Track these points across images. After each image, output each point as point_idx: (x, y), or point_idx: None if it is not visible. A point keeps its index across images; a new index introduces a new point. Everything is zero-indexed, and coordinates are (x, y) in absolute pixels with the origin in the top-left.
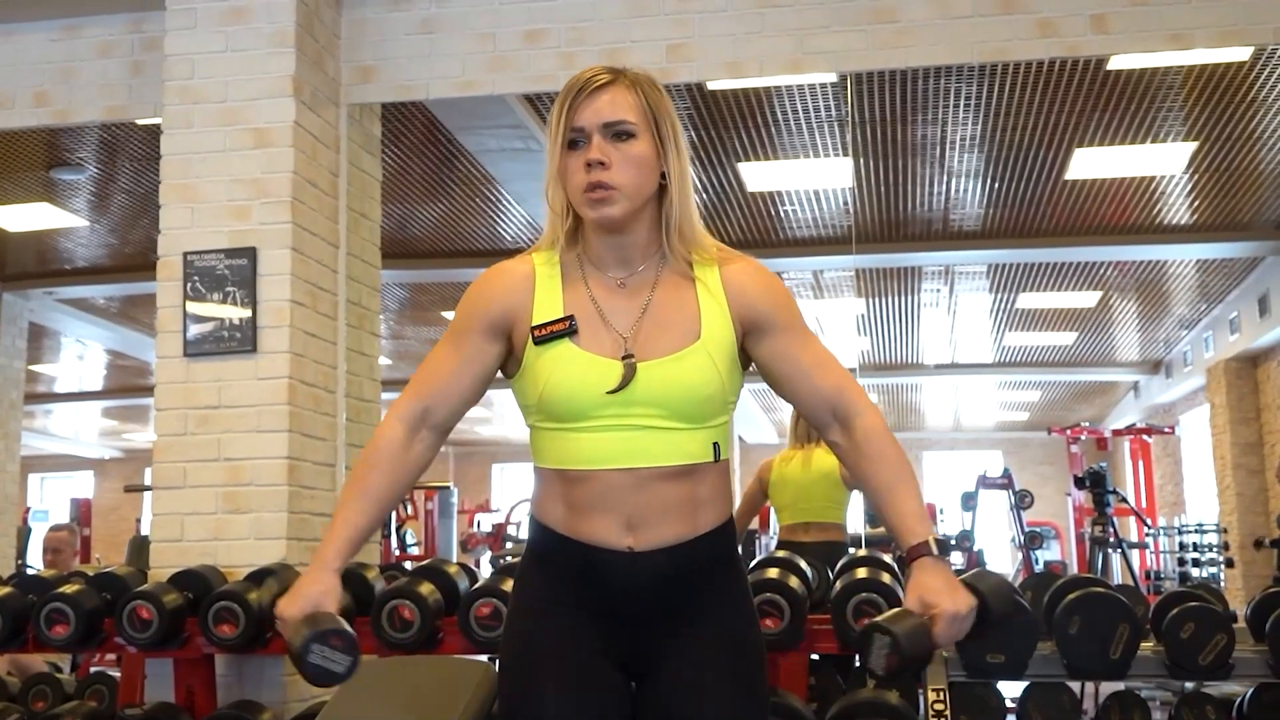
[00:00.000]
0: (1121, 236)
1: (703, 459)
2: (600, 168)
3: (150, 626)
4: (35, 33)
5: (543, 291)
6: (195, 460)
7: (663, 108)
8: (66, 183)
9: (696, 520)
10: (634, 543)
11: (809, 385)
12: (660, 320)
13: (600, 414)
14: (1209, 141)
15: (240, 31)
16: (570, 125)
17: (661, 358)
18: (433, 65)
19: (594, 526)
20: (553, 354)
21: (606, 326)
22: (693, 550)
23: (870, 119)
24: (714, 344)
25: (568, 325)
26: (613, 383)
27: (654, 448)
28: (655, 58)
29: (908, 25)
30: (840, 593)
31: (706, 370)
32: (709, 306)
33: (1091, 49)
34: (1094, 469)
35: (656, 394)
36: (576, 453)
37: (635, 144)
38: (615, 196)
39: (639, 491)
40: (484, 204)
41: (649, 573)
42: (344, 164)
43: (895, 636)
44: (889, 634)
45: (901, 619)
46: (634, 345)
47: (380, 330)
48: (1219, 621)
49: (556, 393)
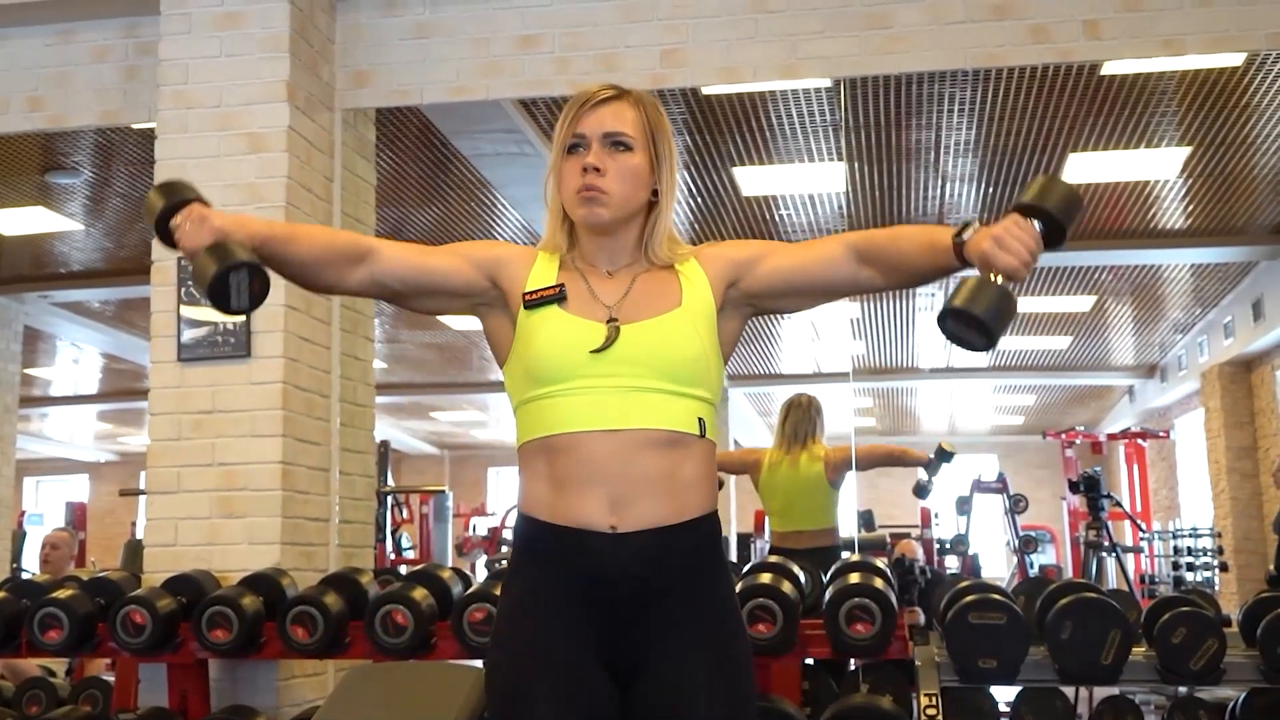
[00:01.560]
0: (1116, 241)
1: (687, 429)
2: (595, 173)
3: (144, 631)
4: (30, 37)
5: (540, 268)
6: (189, 465)
7: (662, 128)
8: (62, 186)
9: (681, 501)
10: (618, 522)
11: (815, 261)
12: (644, 294)
13: (585, 374)
14: (1203, 146)
15: (234, 36)
16: (573, 131)
17: (644, 320)
18: (427, 70)
19: (578, 505)
20: (541, 315)
21: (594, 299)
22: (677, 537)
23: (865, 123)
24: (695, 311)
25: (558, 291)
26: (597, 343)
27: (638, 409)
28: (649, 63)
29: (901, 31)
30: (833, 597)
31: (688, 332)
32: (690, 284)
33: (1084, 55)
34: (1088, 473)
35: (639, 353)
36: (562, 416)
37: (631, 157)
38: (605, 200)
39: (622, 462)
40: (479, 208)
41: (634, 556)
42: (338, 169)
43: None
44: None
45: (972, 291)
46: (618, 313)
47: (375, 334)
48: (1210, 626)
49: (544, 352)
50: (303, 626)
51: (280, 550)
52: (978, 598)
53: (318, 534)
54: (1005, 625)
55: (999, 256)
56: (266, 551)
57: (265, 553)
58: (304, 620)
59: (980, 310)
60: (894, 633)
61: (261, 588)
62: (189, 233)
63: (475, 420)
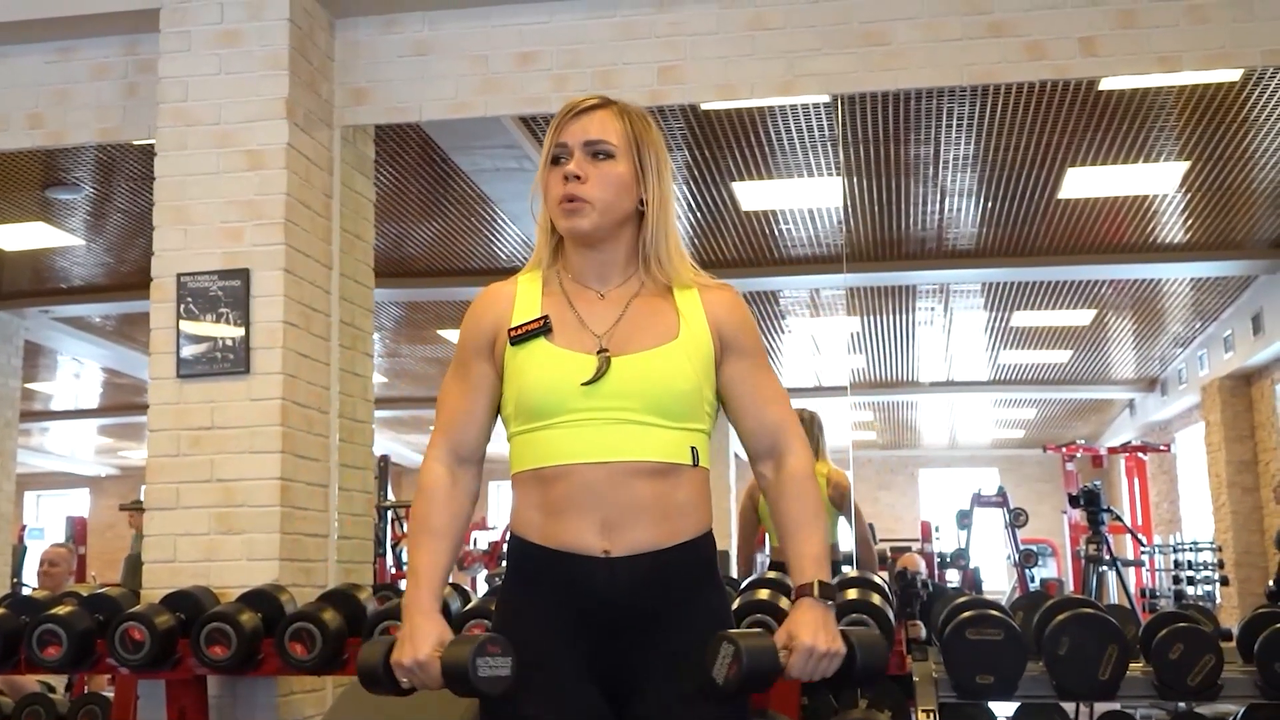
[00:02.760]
0: (1115, 255)
1: (679, 460)
2: (576, 181)
3: (142, 648)
4: (30, 55)
5: (522, 301)
6: (188, 481)
7: (647, 138)
8: (63, 202)
9: (674, 526)
10: (610, 547)
11: (758, 415)
12: (637, 323)
13: (576, 408)
14: (1202, 161)
15: (234, 54)
16: (556, 142)
17: (637, 353)
18: (426, 87)
19: (570, 530)
20: (528, 351)
21: (583, 327)
22: (670, 559)
23: (863, 139)
24: (691, 346)
25: (542, 324)
26: (587, 375)
27: (629, 442)
28: (647, 80)
29: (898, 48)
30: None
31: (682, 366)
32: (688, 317)
33: (1080, 71)
34: (1089, 487)
35: (631, 387)
36: (553, 448)
37: (614, 165)
38: (586, 209)
39: (614, 489)
40: (479, 223)
41: (627, 580)
42: (337, 185)
43: (739, 648)
44: (734, 645)
45: (754, 637)
46: (609, 343)
47: (374, 350)
48: (1207, 642)
49: (533, 387)
50: (301, 643)
51: (279, 566)
52: (975, 614)
53: (316, 550)
54: (1003, 641)
55: (798, 666)
56: (265, 567)
57: (264, 569)
58: (302, 636)
59: (750, 665)
60: (892, 648)
61: (260, 604)
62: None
63: None
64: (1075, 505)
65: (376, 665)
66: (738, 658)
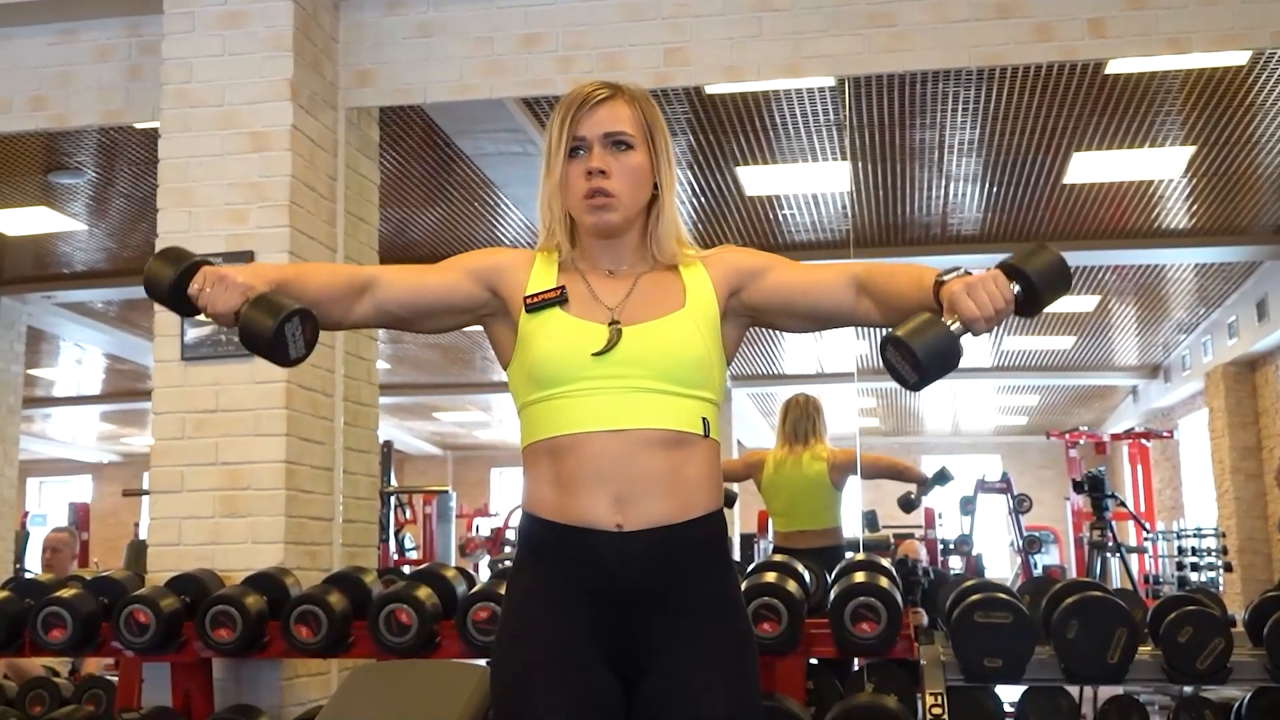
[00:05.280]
0: (1120, 240)
1: (691, 429)
2: (601, 176)
3: (147, 630)
4: (32, 37)
5: (539, 271)
6: (193, 464)
7: (657, 123)
8: (65, 187)
9: (686, 500)
10: (623, 520)
11: (820, 288)
12: (647, 296)
13: (588, 376)
14: (1207, 145)
15: (237, 35)
16: (573, 135)
17: (647, 322)
18: (430, 69)
19: (583, 504)
20: (543, 319)
21: (596, 300)
22: (683, 534)
23: (868, 123)
24: (698, 313)
25: (559, 294)
26: (599, 346)
27: (641, 410)
28: (652, 62)
29: (905, 29)
30: (838, 597)
31: (691, 333)
32: (694, 287)
33: (1088, 53)
34: (1092, 473)
35: (642, 354)
36: (565, 417)
37: (633, 155)
38: (614, 204)
39: (628, 461)
40: (482, 208)
41: (639, 555)
42: (341, 168)
43: (900, 342)
44: (891, 344)
45: (903, 325)
46: (620, 315)
47: (378, 334)
48: (1217, 625)
49: (546, 355)
50: (306, 626)
51: (284, 549)
52: (983, 597)
53: (321, 533)
54: (1011, 624)
55: (963, 302)
56: (270, 551)
57: (269, 552)
58: (308, 619)
59: (918, 344)
60: (899, 632)
61: (265, 587)
62: (217, 296)
63: (478, 421)
64: (1079, 491)
65: (167, 280)
66: (907, 353)
